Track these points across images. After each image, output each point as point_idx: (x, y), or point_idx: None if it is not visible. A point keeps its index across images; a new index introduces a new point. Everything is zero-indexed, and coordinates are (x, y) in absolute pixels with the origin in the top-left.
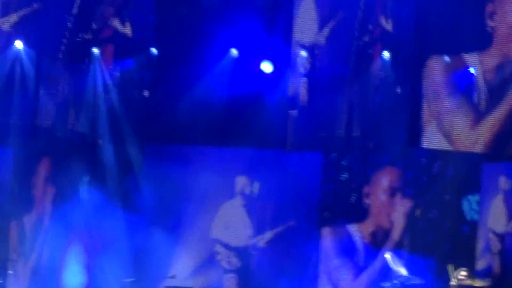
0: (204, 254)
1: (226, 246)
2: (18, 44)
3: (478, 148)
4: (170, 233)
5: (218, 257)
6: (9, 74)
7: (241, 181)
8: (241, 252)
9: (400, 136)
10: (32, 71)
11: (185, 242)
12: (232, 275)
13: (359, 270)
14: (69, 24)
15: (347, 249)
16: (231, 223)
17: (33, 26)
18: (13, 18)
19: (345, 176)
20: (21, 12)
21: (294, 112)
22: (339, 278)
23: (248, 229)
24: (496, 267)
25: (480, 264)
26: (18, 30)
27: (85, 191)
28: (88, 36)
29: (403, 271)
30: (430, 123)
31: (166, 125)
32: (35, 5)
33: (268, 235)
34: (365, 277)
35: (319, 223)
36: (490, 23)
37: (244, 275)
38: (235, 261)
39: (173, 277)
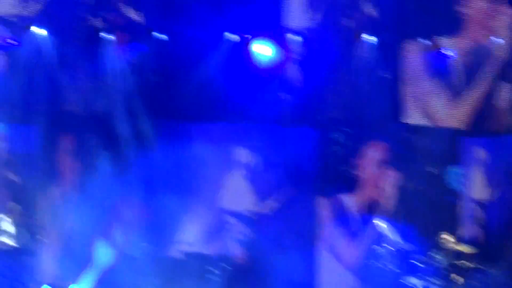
0: (213, 222)
1: (233, 214)
2: (40, 31)
3: (457, 125)
4: (180, 203)
5: (226, 225)
6: (32, 59)
7: (241, 153)
8: (246, 219)
9: (384, 113)
10: (54, 56)
11: (195, 211)
12: (239, 241)
13: (352, 237)
14: (86, 13)
15: (341, 217)
16: (235, 192)
17: (53, 14)
18: (35, 6)
19: (336, 149)
20: (42, 1)
21: (287, 94)
22: (334, 244)
23: (251, 197)
24: (480, 234)
25: (464, 232)
26: (39, 18)
27: (104, 163)
28: (104, 23)
29: (393, 237)
30: (410, 102)
31: (174, 103)
32: None
33: (270, 203)
34: (358, 242)
35: (315, 194)
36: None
37: (249, 241)
38: (241, 228)
39: (186, 243)
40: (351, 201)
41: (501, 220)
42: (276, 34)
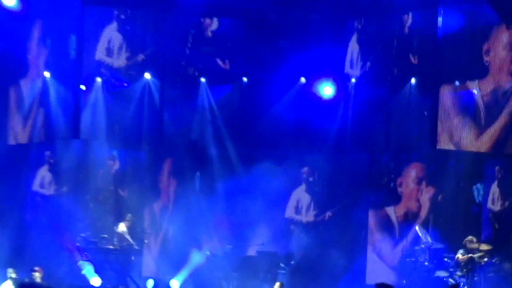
0: (281, 228)
1: (296, 222)
2: (147, 75)
3: (482, 150)
4: (256, 212)
5: (291, 229)
6: (141, 98)
7: (305, 171)
8: (307, 226)
9: (423, 140)
10: (158, 95)
11: (268, 219)
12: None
13: (396, 242)
14: (184, 61)
15: (386, 226)
16: (299, 203)
17: (157, 61)
18: (141, 56)
19: (383, 169)
20: (148, 51)
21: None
22: (381, 247)
23: (312, 208)
24: (494, 236)
25: (484, 234)
26: (146, 64)
27: (197, 183)
28: (197, 70)
29: (427, 239)
30: (444, 133)
31: (253, 133)
32: (153, 48)
33: (327, 213)
34: (400, 246)
35: (366, 206)
36: (486, 58)
37: (309, 244)
38: (303, 234)
39: (262, 244)
40: (394, 213)
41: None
42: (337, 77)
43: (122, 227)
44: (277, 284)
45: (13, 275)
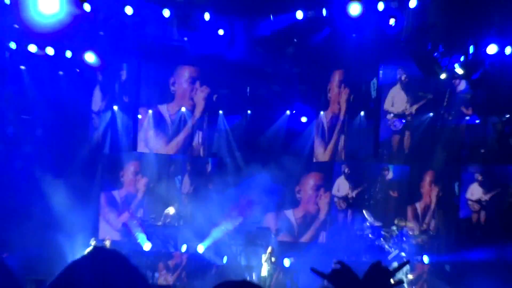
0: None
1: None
2: (183, 109)
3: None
4: (255, 200)
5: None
6: (178, 122)
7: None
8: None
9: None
10: (190, 121)
11: (261, 206)
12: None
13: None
14: None
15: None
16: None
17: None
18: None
19: None
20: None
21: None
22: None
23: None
24: (475, 218)
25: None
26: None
27: (214, 180)
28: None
29: (371, 219)
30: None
31: (255, 147)
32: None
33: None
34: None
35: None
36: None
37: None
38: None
39: (259, 222)
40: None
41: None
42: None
43: (171, 210)
44: (269, 248)
45: (94, 243)
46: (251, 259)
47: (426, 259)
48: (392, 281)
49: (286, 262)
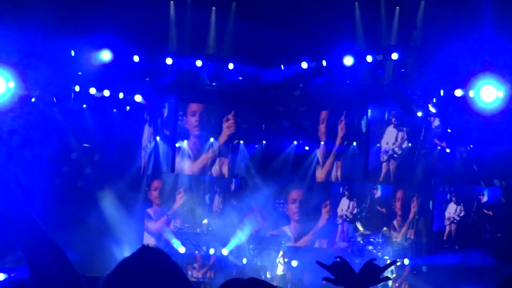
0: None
1: None
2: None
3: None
4: (268, 209)
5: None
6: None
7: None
8: None
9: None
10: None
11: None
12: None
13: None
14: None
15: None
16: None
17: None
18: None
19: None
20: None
21: None
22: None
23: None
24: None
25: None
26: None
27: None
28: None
29: (361, 228)
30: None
31: (267, 169)
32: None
33: None
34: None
35: None
36: None
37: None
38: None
39: (273, 230)
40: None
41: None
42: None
43: (205, 221)
44: (281, 252)
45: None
46: (264, 261)
47: (406, 261)
48: (381, 276)
49: (294, 263)
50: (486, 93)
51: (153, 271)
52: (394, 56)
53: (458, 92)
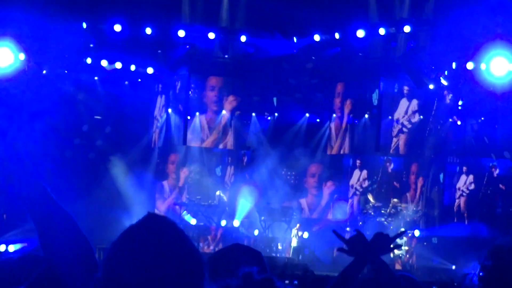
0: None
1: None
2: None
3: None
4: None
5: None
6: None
7: None
8: None
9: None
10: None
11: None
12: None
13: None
14: None
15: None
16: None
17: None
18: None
19: None
20: None
21: None
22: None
23: None
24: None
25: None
26: None
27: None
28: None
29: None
30: None
31: (280, 141)
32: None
33: None
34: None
35: None
36: None
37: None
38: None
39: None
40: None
41: None
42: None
43: (217, 193)
44: (297, 225)
45: None
46: (276, 232)
47: (417, 233)
48: (391, 245)
49: (305, 234)
50: (497, 66)
51: (158, 238)
52: (407, 29)
53: (470, 65)
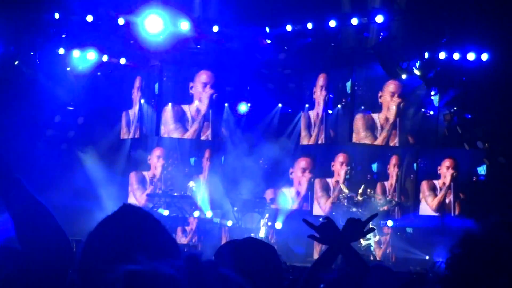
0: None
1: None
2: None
3: None
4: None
5: None
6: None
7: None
8: None
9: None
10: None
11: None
12: None
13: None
14: None
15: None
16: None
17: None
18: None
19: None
20: None
21: None
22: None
23: None
24: None
25: None
26: None
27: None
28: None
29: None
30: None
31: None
32: None
33: None
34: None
35: None
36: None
37: None
38: None
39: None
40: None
41: None
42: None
43: (191, 184)
44: (267, 214)
45: None
46: (249, 223)
47: (390, 223)
48: (364, 229)
49: (278, 225)
50: (457, 55)
51: (134, 228)
52: (379, 19)
53: (442, 55)
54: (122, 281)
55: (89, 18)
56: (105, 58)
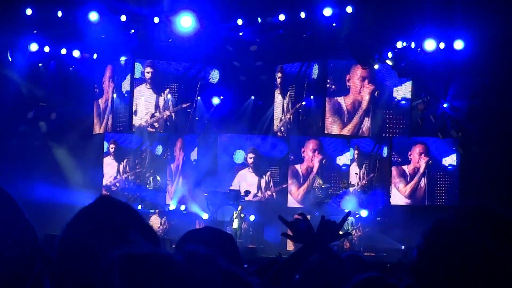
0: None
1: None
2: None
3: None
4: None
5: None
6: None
7: None
8: None
9: None
10: None
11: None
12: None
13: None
14: None
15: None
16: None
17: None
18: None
19: None
20: None
21: None
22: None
23: None
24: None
25: None
26: None
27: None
28: None
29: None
30: None
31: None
32: None
33: None
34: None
35: None
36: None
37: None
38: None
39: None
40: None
41: None
42: None
43: (158, 177)
44: (240, 206)
45: None
46: (224, 216)
47: (364, 213)
48: (340, 232)
49: (252, 217)
50: (430, 45)
51: (112, 219)
52: (349, 9)
53: (413, 45)
54: (118, 264)
55: (59, 13)
56: (76, 53)
